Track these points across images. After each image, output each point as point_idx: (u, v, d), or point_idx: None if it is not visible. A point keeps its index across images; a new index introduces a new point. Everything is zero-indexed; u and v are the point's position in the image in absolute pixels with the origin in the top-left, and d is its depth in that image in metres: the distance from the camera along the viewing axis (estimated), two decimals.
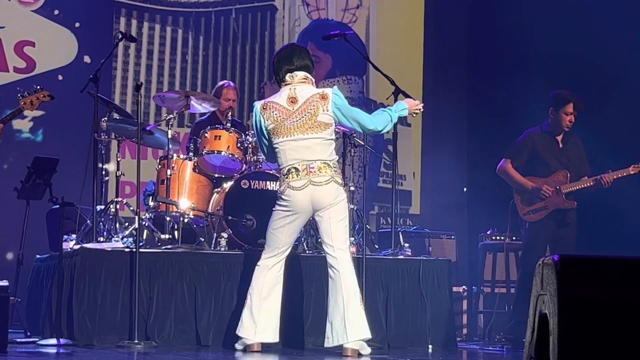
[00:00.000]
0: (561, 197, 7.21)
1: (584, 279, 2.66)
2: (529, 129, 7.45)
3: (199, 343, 6.29)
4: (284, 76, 5.85)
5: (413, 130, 10.21)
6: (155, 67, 9.65)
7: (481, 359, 6.39)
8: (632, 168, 7.23)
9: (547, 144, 7.34)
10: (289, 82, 5.83)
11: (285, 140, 5.74)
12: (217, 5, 9.83)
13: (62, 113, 8.81)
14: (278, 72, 5.87)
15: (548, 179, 7.26)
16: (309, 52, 5.98)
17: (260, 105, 5.84)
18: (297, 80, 5.83)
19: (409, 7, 10.35)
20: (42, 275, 6.91)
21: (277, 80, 5.92)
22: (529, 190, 7.26)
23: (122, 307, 6.20)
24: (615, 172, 7.20)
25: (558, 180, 7.25)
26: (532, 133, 7.41)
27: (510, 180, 7.36)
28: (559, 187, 7.21)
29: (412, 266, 6.87)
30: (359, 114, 5.91)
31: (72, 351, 5.78)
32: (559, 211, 7.23)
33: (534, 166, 7.33)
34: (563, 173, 7.27)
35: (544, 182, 7.23)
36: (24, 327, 6.99)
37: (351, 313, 5.70)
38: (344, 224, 5.81)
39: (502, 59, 9.73)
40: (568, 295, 2.63)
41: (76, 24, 9.34)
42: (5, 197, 7.64)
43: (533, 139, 7.37)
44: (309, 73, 5.88)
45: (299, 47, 6.11)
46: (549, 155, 7.31)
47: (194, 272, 6.39)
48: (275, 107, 5.79)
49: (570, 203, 7.23)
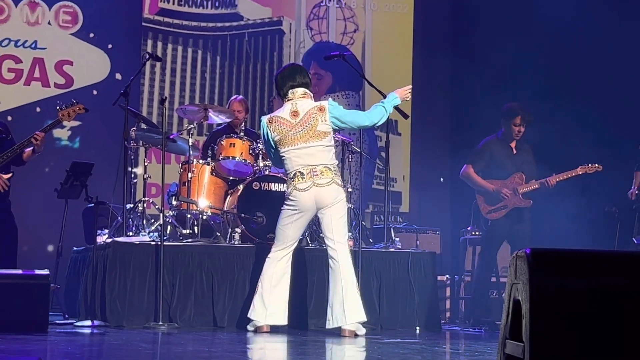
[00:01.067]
0: (519, 197, 7.20)
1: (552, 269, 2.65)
2: (486, 137, 7.43)
3: (216, 324, 6.28)
4: (287, 91, 5.85)
5: (403, 138, 10.21)
6: (177, 83, 9.65)
7: (462, 339, 6.38)
8: (580, 169, 7.22)
9: (503, 150, 7.32)
10: (290, 97, 5.84)
11: (290, 149, 5.75)
12: (232, 30, 9.83)
13: (96, 123, 8.82)
14: (282, 87, 5.87)
15: (506, 181, 7.24)
16: (307, 71, 6.02)
17: (267, 120, 5.86)
18: (298, 96, 5.83)
19: (399, 30, 10.35)
20: (79, 265, 6.91)
21: (280, 94, 5.93)
22: (490, 192, 7.24)
23: (149, 293, 6.20)
24: (559, 175, 7.19)
25: (515, 182, 7.24)
26: (489, 141, 7.39)
27: (473, 183, 7.34)
28: (517, 188, 7.20)
29: (402, 258, 6.86)
30: (355, 115, 5.93)
31: (104, 331, 5.77)
32: (517, 209, 7.21)
33: (492, 170, 7.31)
34: (519, 175, 7.26)
35: (502, 184, 7.22)
36: (62, 310, 6.99)
37: (349, 299, 5.70)
38: (343, 220, 5.82)
39: (480, 76, 9.73)
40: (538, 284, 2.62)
41: (109, 46, 9.34)
42: (47, 196, 7.64)
43: (490, 146, 7.35)
44: (307, 89, 5.89)
45: (299, 66, 6.17)
46: (505, 160, 7.29)
47: (211, 263, 6.39)
48: (280, 120, 5.80)
49: (526, 202, 7.22)
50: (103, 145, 8.63)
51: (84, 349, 4.96)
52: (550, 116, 8.42)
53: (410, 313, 6.75)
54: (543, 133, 7.88)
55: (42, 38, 9.17)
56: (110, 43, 9.34)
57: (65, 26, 9.25)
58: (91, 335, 5.61)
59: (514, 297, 2.75)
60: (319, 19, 10.12)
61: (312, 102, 5.89)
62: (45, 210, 8.24)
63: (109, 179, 6.83)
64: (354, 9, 10.21)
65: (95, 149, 8.82)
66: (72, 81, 9.22)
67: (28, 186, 8.03)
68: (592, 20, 8.60)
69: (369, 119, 5.89)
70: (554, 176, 7.18)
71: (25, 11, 9.15)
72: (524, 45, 9.17)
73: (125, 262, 6.20)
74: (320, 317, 6.13)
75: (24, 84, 9.11)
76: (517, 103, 7.34)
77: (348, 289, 5.71)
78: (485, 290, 7.35)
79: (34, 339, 5.11)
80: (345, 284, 5.72)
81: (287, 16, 10.01)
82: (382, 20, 10.29)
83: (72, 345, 5.01)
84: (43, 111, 8.98)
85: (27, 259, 7.35)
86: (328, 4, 10.14)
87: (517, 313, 2.71)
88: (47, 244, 8.71)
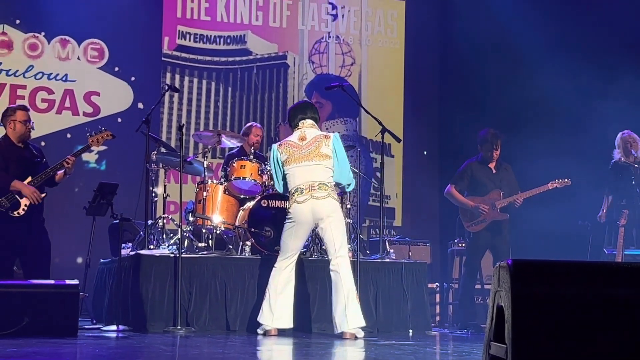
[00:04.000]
0: (496, 211, 7.20)
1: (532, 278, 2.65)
2: (468, 160, 7.45)
3: (229, 328, 6.27)
4: (298, 122, 5.92)
5: (395, 160, 10.21)
6: (193, 112, 9.67)
7: (451, 340, 6.35)
8: (550, 184, 7.22)
9: (483, 171, 7.33)
10: (300, 126, 5.93)
11: (295, 166, 5.79)
12: (242, 63, 9.86)
13: (121, 148, 8.82)
14: (294, 119, 5.96)
15: (485, 197, 7.25)
16: (316, 108, 6.10)
17: (277, 145, 5.96)
18: (307, 125, 5.92)
19: (391, 63, 10.38)
20: (105, 275, 6.90)
21: (292, 125, 5.99)
22: (469, 208, 7.24)
23: (168, 300, 6.18)
24: (527, 192, 7.18)
25: (493, 197, 7.24)
26: (471, 163, 7.41)
27: (455, 200, 7.35)
28: (494, 203, 7.20)
29: (396, 267, 6.85)
30: (345, 165, 5.89)
31: (128, 335, 5.76)
32: (495, 222, 7.21)
33: (474, 187, 7.33)
34: (497, 192, 7.26)
35: (481, 200, 7.22)
36: (90, 316, 6.98)
37: (350, 307, 5.71)
38: (342, 235, 5.83)
39: (468, 101, 9.76)
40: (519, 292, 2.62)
41: (132, 78, 9.37)
42: (76, 214, 7.65)
43: (472, 167, 7.36)
44: (316, 122, 5.98)
45: (311, 104, 6.28)
46: (484, 179, 7.31)
47: (224, 273, 6.37)
48: (289, 143, 5.89)
49: (503, 215, 7.22)
50: (127, 168, 8.63)
51: (110, 351, 4.95)
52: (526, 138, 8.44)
53: (403, 317, 6.73)
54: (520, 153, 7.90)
55: (72, 71, 9.19)
56: (133, 76, 9.37)
57: (92, 61, 9.28)
58: (116, 339, 5.59)
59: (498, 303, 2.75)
60: (320, 53, 10.15)
61: (318, 130, 5.95)
62: (75, 226, 8.23)
63: (132, 198, 6.83)
64: (351, 44, 10.25)
65: (120, 171, 8.83)
66: (98, 110, 9.24)
67: (60, 205, 8.03)
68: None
69: (350, 179, 5.91)
70: (521, 194, 7.17)
71: (57, 47, 9.18)
72: (506, 75, 9.20)
73: (147, 273, 6.19)
74: (323, 322, 6.11)
75: (56, 113, 9.13)
76: (491, 129, 7.36)
77: (349, 298, 5.72)
78: (471, 296, 7.33)
79: (65, 342, 5.10)
80: (347, 293, 5.73)
81: (292, 51, 10.05)
82: (376, 55, 10.32)
83: (100, 348, 5.00)
84: (73, 137, 8.99)
85: (59, 270, 7.33)
86: (328, 40, 10.17)
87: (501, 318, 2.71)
88: (77, 256, 8.70)
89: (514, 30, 9.13)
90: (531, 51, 8.91)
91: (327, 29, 10.17)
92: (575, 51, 8.61)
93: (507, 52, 9.23)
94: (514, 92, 9.14)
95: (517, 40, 9.07)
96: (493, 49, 9.35)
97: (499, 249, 7.18)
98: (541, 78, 8.69)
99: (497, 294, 2.76)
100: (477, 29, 9.47)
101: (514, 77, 9.15)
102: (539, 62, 8.82)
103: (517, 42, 9.06)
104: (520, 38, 9.05)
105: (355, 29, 10.26)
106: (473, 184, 7.31)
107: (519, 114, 9.00)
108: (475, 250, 7.29)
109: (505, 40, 9.22)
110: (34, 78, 9.09)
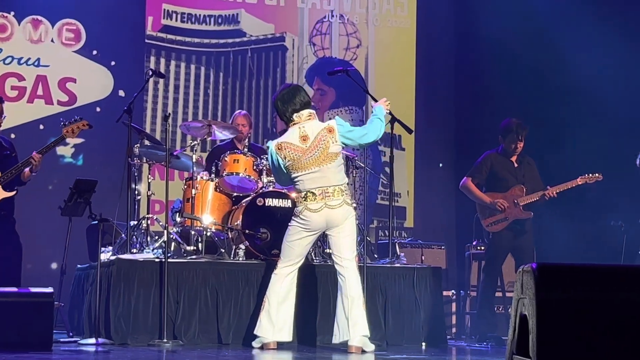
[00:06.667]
0: (519, 209, 7.21)
1: (558, 283, 2.65)
2: (487, 151, 7.45)
3: (220, 342, 6.27)
4: (291, 116, 5.82)
5: (407, 153, 10.21)
6: (181, 100, 9.68)
7: (468, 355, 6.36)
8: (579, 179, 7.23)
9: (504, 164, 7.34)
10: (296, 121, 5.81)
11: (303, 174, 5.75)
12: (235, 46, 9.86)
13: (99, 140, 8.83)
14: (284, 113, 5.81)
15: (506, 193, 7.25)
16: (304, 89, 5.96)
17: (275, 146, 5.80)
18: (304, 119, 5.81)
19: (402, 45, 10.38)
20: (82, 283, 6.91)
21: (284, 120, 5.87)
22: (487, 204, 7.25)
23: (153, 310, 6.18)
24: (557, 186, 7.20)
25: (515, 194, 7.25)
26: (490, 154, 7.41)
27: (471, 195, 7.36)
28: (517, 200, 7.21)
29: (407, 273, 6.85)
30: (361, 131, 5.89)
31: (109, 349, 5.76)
32: (517, 221, 7.22)
33: (494, 183, 7.33)
34: (519, 187, 7.27)
35: (502, 196, 7.23)
36: (66, 328, 6.99)
37: (354, 313, 5.72)
38: (351, 238, 5.84)
39: (485, 89, 9.76)
40: (545, 299, 2.62)
41: (112, 63, 9.37)
42: (51, 214, 7.66)
43: (491, 159, 7.37)
44: (310, 109, 5.87)
45: (296, 86, 6.04)
46: (505, 173, 7.31)
47: (216, 279, 6.38)
48: (289, 146, 5.77)
49: (527, 213, 7.23)
50: (106, 163, 8.63)
51: None
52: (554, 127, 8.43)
53: (416, 329, 6.74)
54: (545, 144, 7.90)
55: (45, 55, 9.20)
56: (114, 60, 9.37)
57: (68, 43, 9.28)
58: (95, 354, 5.60)
59: (521, 312, 2.75)
60: (321, 34, 10.15)
61: (319, 123, 5.88)
62: (49, 228, 8.24)
63: (113, 196, 6.84)
64: (357, 24, 10.25)
65: (99, 166, 8.83)
66: (75, 98, 9.24)
67: (32, 204, 8.04)
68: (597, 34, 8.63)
69: (374, 133, 5.87)
70: (554, 187, 7.19)
71: (28, 29, 9.18)
72: (530, 57, 9.19)
73: (130, 280, 6.19)
74: (327, 334, 6.12)
75: (27, 102, 9.13)
76: (515, 119, 7.36)
77: (354, 304, 5.72)
78: (491, 304, 7.34)
79: (38, 357, 5.10)
80: (352, 299, 5.73)
81: (290, 32, 10.05)
82: (385, 36, 10.32)
83: None
84: (46, 129, 9.00)
85: (31, 277, 7.34)
86: (331, 20, 10.17)
87: (524, 328, 2.71)
88: (51, 261, 8.71)
89: (540, 3, 9.10)
90: (562, 32, 8.86)
91: (329, 7, 10.16)
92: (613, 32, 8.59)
93: (533, 32, 9.20)
94: (540, 78, 9.12)
95: (546, 18, 9.03)
96: (517, 28, 9.32)
97: (522, 251, 7.18)
98: (572, 62, 8.66)
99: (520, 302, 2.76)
100: (498, 5, 9.45)
101: (541, 60, 9.13)
102: (570, 45, 8.78)
103: (546, 20, 9.03)
104: (550, 15, 9.00)
105: (362, 7, 10.25)
106: (492, 177, 7.32)
107: (546, 102, 8.99)
108: (495, 254, 7.29)
109: (531, 17, 9.18)
110: (2, 63, 9.09)
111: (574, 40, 8.68)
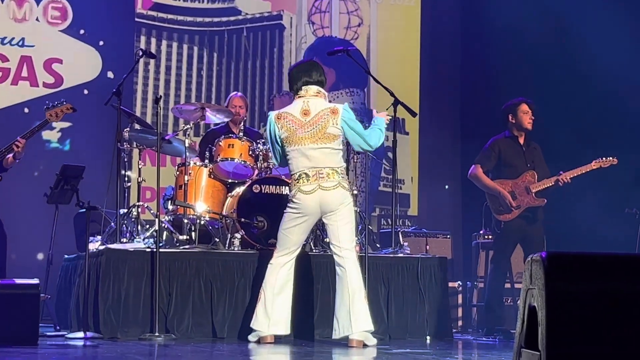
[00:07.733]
0: (532, 196, 7.21)
1: (569, 273, 2.65)
2: (494, 137, 7.44)
3: (215, 335, 6.28)
4: (300, 87, 5.87)
5: (410, 137, 10.21)
6: (173, 82, 9.67)
7: (475, 349, 6.37)
8: (594, 163, 7.22)
9: (512, 149, 7.34)
10: (303, 94, 5.87)
11: (297, 148, 5.77)
12: (230, 25, 9.85)
13: (87, 124, 8.83)
14: (296, 82, 5.89)
15: (517, 180, 7.25)
16: (324, 70, 6.02)
17: (275, 115, 5.87)
18: (311, 94, 5.86)
19: (406, 24, 10.36)
20: (70, 274, 6.92)
21: (293, 90, 5.94)
22: (498, 194, 7.24)
23: (144, 303, 6.19)
24: (573, 171, 7.19)
25: (527, 180, 7.24)
26: (498, 140, 7.40)
27: (480, 183, 7.35)
28: (529, 187, 7.20)
29: (411, 263, 6.86)
30: (364, 130, 5.93)
31: (97, 344, 5.77)
32: (531, 209, 7.22)
33: (503, 169, 7.33)
34: (531, 173, 7.26)
35: (514, 184, 7.23)
36: (53, 321, 7.00)
37: (356, 307, 5.72)
38: (350, 226, 5.84)
39: (492, 70, 9.75)
40: (555, 289, 2.62)
41: (100, 42, 9.36)
42: (36, 202, 7.65)
43: (499, 145, 7.36)
44: (322, 88, 5.91)
45: (317, 63, 6.11)
46: (514, 160, 7.30)
47: (210, 270, 6.39)
48: (288, 117, 5.82)
49: (540, 200, 7.23)
50: (95, 147, 8.63)
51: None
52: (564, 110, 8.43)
53: (420, 322, 6.75)
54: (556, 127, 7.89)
55: (30, 35, 9.18)
56: (102, 40, 9.36)
57: (54, 22, 9.26)
58: (84, 348, 5.61)
59: (530, 304, 2.75)
60: (321, 12, 10.13)
61: (325, 102, 5.90)
62: (35, 216, 8.24)
63: (101, 183, 6.84)
64: (358, 1, 10.23)
65: (87, 151, 8.83)
66: (61, 80, 9.23)
67: (16, 191, 8.04)
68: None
69: (375, 138, 5.91)
70: (568, 172, 7.18)
71: (11, 7, 9.16)
72: (538, 36, 9.18)
73: (119, 270, 6.20)
74: (326, 327, 6.13)
75: (11, 84, 9.12)
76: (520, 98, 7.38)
77: (355, 298, 5.72)
78: (499, 296, 7.35)
79: (24, 351, 5.11)
80: (352, 292, 5.73)
81: (288, 10, 10.03)
82: (388, 13, 10.30)
83: (64, 359, 5.01)
84: (31, 112, 8.99)
85: (16, 268, 7.36)
86: None
87: (533, 320, 2.72)
88: (37, 251, 8.72)
89: None
90: (571, 14, 8.84)
91: None
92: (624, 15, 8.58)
93: (542, 11, 9.19)
94: (548, 59, 9.11)
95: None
96: (525, 7, 9.32)
97: (531, 240, 7.18)
98: (582, 44, 8.65)
99: (529, 293, 2.76)
100: None
101: (549, 41, 9.12)
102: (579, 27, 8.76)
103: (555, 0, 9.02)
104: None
105: None
106: (501, 164, 7.32)
107: (554, 84, 8.98)
108: (505, 243, 7.29)
109: None
110: None
111: (583, 23, 8.68)
